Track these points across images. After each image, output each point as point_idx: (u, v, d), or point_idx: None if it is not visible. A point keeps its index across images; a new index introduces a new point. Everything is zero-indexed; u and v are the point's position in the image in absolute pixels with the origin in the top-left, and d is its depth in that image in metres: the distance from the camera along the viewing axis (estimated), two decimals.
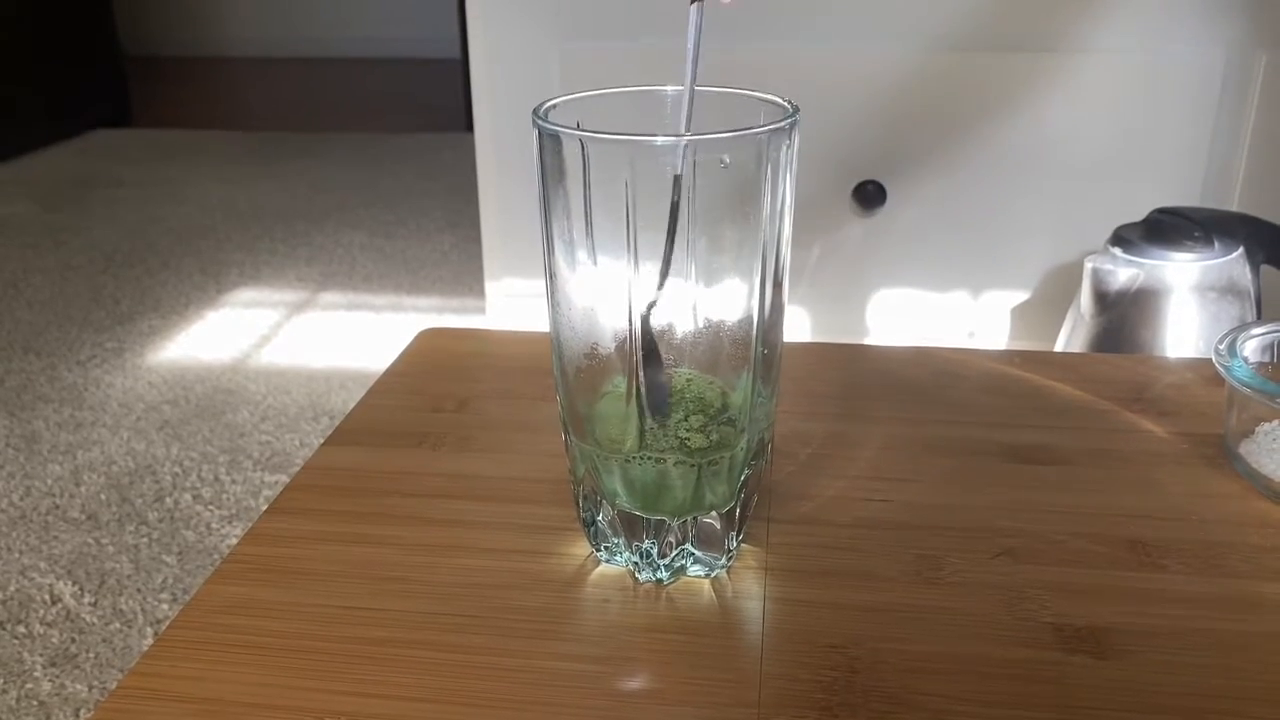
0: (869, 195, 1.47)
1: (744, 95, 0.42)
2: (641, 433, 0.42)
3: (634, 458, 0.42)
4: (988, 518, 0.50)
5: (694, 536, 0.44)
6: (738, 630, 0.43)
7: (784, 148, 0.39)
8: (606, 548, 0.46)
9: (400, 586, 0.45)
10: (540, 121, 0.39)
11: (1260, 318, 1.23)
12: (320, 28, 4.85)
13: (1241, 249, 1.20)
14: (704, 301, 0.40)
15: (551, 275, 0.42)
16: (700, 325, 0.41)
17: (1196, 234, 1.19)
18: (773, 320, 0.42)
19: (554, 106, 0.41)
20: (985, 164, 1.45)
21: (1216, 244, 1.19)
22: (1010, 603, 0.44)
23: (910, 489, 0.52)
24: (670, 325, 0.40)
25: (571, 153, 0.38)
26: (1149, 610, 0.43)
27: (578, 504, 0.47)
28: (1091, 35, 1.37)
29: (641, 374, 0.41)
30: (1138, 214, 1.27)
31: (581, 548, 0.47)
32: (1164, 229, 1.21)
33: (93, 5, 3.47)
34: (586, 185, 0.38)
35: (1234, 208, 1.39)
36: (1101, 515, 0.50)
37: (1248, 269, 1.21)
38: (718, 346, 0.41)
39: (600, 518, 0.45)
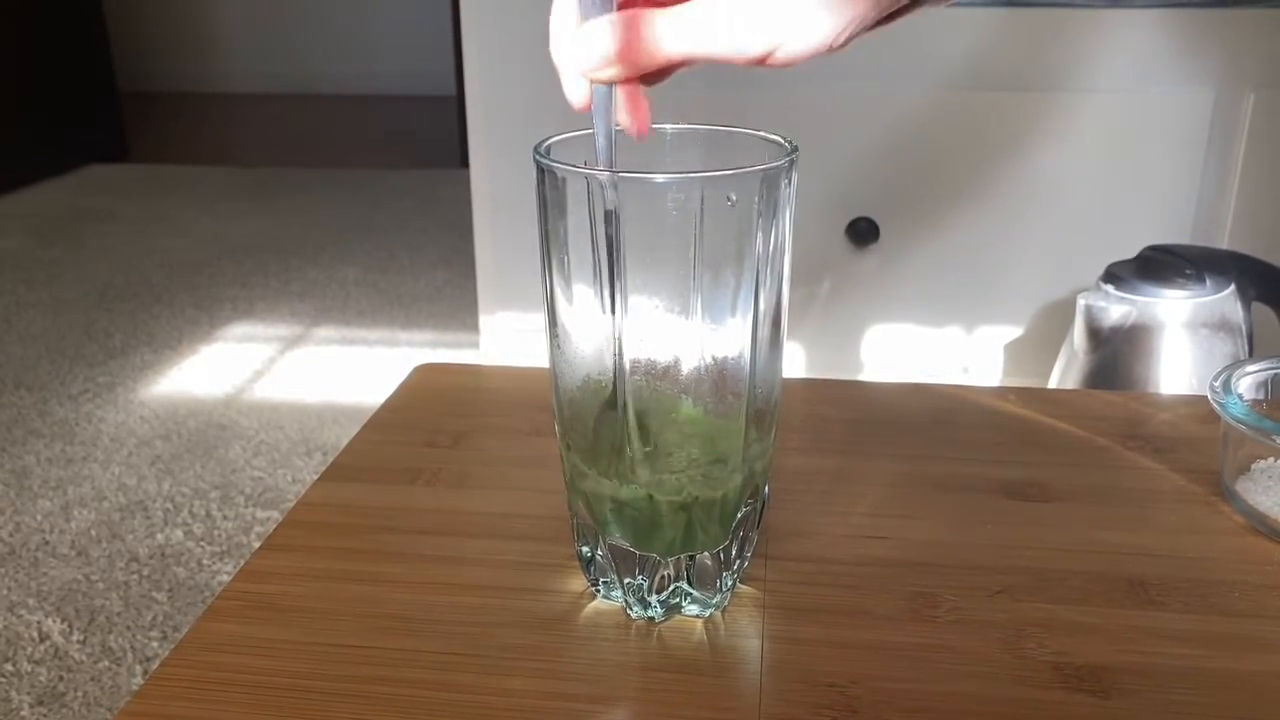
0: (862, 232, 1.47)
1: (743, 134, 0.42)
2: (632, 465, 0.41)
3: (624, 492, 0.42)
4: (985, 555, 0.50)
5: (690, 574, 0.44)
6: (736, 669, 0.42)
7: (783, 186, 0.39)
8: (604, 582, 0.46)
9: (394, 624, 0.45)
10: (540, 158, 0.39)
11: (1253, 354, 1.24)
12: (316, 64, 4.88)
13: (1233, 286, 1.21)
14: (704, 339, 0.40)
15: (551, 309, 0.42)
16: (701, 364, 0.40)
17: (1188, 271, 1.20)
18: (769, 360, 0.42)
19: (554, 143, 0.41)
20: (977, 202, 1.46)
21: (1208, 281, 1.20)
22: (1009, 641, 0.44)
23: (908, 526, 0.52)
24: (676, 361, 0.40)
25: (574, 189, 0.38)
26: (1149, 649, 0.43)
27: (575, 537, 0.46)
28: (1082, 76, 1.39)
29: (630, 403, 0.41)
30: (1129, 251, 1.27)
31: (577, 585, 0.47)
32: (1156, 266, 1.22)
33: (90, 40, 3.49)
34: (593, 221, 0.38)
35: (1224, 245, 1.40)
36: (1100, 552, 0.50)
37: (1239, 306, 1.21)
38: (716, 386, 0.41)
39: (598, 553, 0.45)
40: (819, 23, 0.34)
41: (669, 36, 0.35)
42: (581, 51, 0.36)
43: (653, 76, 0.37)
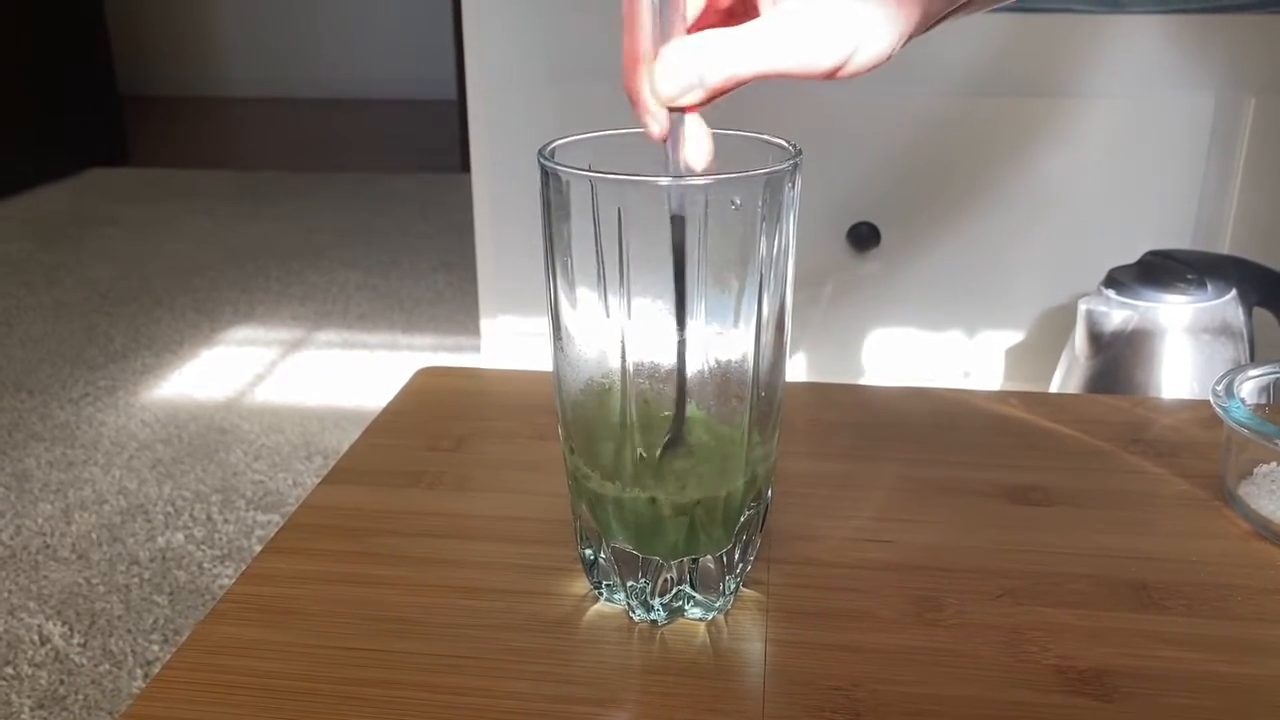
0: (863, 237, 1.47)
1: (747, 137, 0.42)
2: (635, 470, 0.41)
3: (627, 496, 0.42)
4: (988, 559, 0.50)
5: (692, 578, 0.44)
6: (739, 672, 0.42)
7: (787, 190, 0.39)
8: (607, 585, 0.46)
9: (395, 627, 0.45)
10: (545, 161, 0.39)
11: (1254, 359, 1.24)
12: (317, 69, 4.88)
13: (1234, 291, 1.21)
14: (708, 343, 0.40)
15: (554, 312, 0.42)
16: (705, 368, 0.40)
17: (1189, 276, 1.20)
18: (772, 364, 0.42)
19: (557, 146, 0.41)
20: (979, 206, 1.46)
21: (1209, 286, 1.20)
22: (1012, 644, 0.44)
23: (911, 530, 0.52)
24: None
25: (578, 193, 0.38)
26: (1151, 652, 0.43)
27: (578, 540, 0.46)
28: (1083, 81, 1.39)
29: (634, 408, 0.41)
30: (1130, 256, 1.27)
31: (580, 588, 0.47)
32: (1157, 271, 1.22)
33: (90, 44, 3.49)
34: (596, 224, 0.38)
35: (1225, 250, 1.40)
36: (1102, 556, 0.50)
37: (1241, 310, 1.21)
38: (719, 390, 0.41)
39: (601, 556, 0.45)
40: (884, 33, 0.35)
41: (746, 56, 0.35)
42: (666, 79, 0.36)
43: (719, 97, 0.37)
